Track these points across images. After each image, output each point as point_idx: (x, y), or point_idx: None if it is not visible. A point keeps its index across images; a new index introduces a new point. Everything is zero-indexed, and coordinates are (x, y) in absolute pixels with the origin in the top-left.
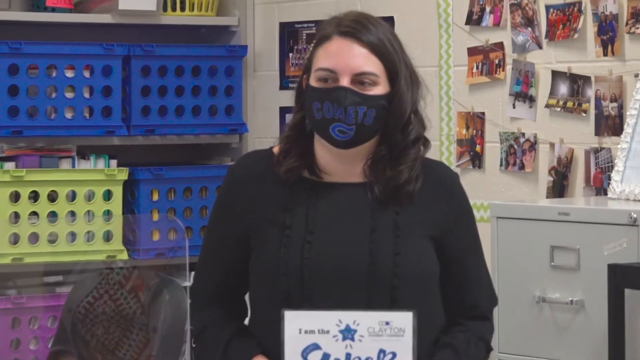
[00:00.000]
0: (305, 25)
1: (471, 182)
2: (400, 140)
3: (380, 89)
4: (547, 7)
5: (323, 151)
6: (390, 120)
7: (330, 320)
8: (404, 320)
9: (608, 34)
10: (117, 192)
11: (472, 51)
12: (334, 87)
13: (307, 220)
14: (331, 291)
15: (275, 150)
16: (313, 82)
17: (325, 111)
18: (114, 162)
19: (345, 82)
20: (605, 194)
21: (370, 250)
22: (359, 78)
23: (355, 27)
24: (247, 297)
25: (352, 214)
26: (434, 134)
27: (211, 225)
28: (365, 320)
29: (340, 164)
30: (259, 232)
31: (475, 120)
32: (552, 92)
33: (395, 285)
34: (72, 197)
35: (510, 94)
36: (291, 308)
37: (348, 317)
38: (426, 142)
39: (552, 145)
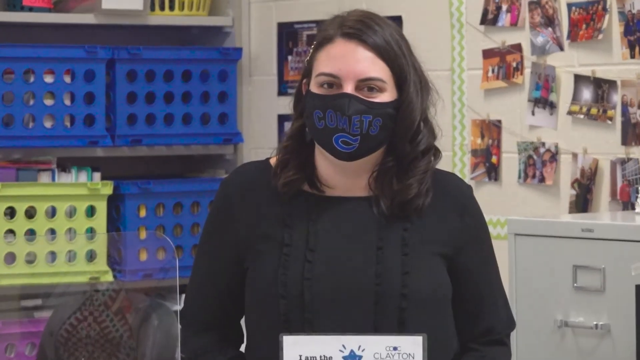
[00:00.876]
0: (306, 25)
1: (487, 196)
2: (409, 151)
3: (387, 95)
4: (569, 5)
5: (325, 163)
6: (398, 129)
7: (333, 345)
8: (413, 345)
9: (635, 34)
10: (101, 207)
11: (487, 53)
12: (337, 93)
13: (307, 237)
14: (334, 314)
15: (273, 161)
16: (314, 88)
17: (328, 120)
18: (97, 175)
19: (349, 88)
20: (633, 208)
21: (377, 270)
22: (364, 84)
23: (359, 28)
24: (242, 321)
25: (356, 230)
26: (446, 143)
27: (202, 243)
28: (371, 345)
29: (343, 176)
30: (254, 251)
31: (490, 129)
32: (575, 98)
33: (403, 307)
34: (52, 213)
35: (529, 100)
36: (290, 332)
37: (352, 341)
38: (437, 153)
39: (574, 155)
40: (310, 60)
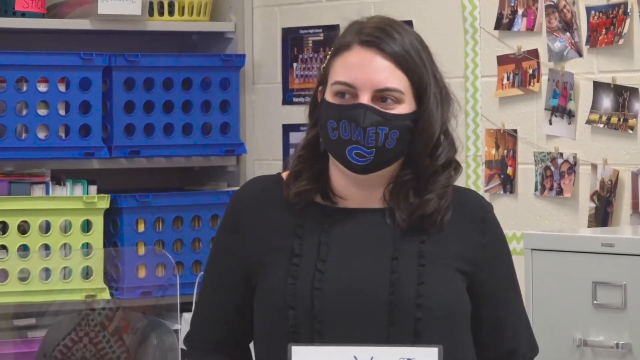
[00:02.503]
0: (311, 31)
1: (502, 210)
2: (428, 165)
3: (405, 107)
4: (588, 9)
5: (339, 174)
6: (417, 142)
7: (344, 356)
8: (428, 356)
9: None
10: (97, 222)
11: (502, 60)
12: (352, 104)
13: (319, 247)
14: (345, 325)
15: (284, 175)
16: (329, 97)
17: (342, 131)
18: (93, 188)
19: (365, 99)
20: None
21: (391, 279)
22: (381, 94)
23: (378, 35)
24: (251, 345)
25: (370, 241)
26: (458, 154)
27: (210, 261)
28: (384, 356)
29: (357, 188)
30: (263, 264)
31: (506, 139)
32: (594, 106)
33: (418, 317)
34: (46, 228)
35: (546, 109)
36: (299, 343)
37: (364, 352)
38: (457, 167)
39: (594, 166)
40: (327, 67)
